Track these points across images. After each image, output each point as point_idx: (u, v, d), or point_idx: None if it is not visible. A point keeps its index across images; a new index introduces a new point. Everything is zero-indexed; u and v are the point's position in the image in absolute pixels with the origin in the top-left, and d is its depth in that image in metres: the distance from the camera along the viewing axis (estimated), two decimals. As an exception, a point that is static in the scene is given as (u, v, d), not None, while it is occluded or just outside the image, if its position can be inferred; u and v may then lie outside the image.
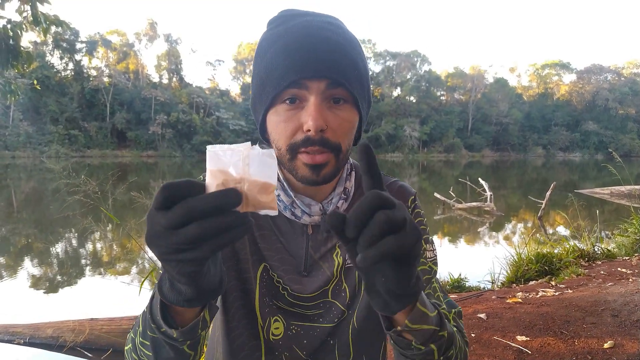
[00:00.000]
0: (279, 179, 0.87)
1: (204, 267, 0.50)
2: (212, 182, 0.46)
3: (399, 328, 0.62)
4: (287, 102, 0.75)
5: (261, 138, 0.84)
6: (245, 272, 0.88)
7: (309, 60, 0.72)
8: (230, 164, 0.47)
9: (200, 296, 0.54)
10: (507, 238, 9.67)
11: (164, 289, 0.56)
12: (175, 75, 72.30)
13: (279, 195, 0.87)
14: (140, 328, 0.65)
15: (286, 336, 0.90)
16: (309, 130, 0.73)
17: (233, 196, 0.45)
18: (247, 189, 0.47)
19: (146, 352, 0.65)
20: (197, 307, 0.60)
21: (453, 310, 0.87)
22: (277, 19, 0.80)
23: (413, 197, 0.96)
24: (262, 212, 0.49)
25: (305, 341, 0.90)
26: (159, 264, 0.65)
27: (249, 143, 0.49)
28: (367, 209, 0.48)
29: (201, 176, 0.92)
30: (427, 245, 0.94)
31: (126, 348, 0.74)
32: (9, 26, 4.72)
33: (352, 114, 0.78)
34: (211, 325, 0.97)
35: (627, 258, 5.60)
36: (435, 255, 0.96)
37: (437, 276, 0.95)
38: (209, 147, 0.48)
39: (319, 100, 0.73)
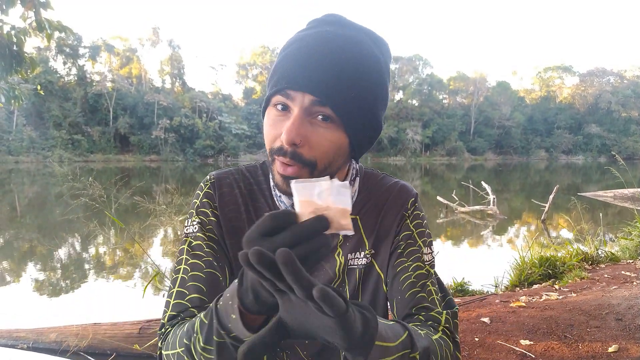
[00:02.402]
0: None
1: None
2: (304, 211, 0.54)
3: None
4: (279, 107, 0.76)
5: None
6: None
7: (298, 73, 0.73)
8: (315, 195, 0.55)
9: None
10: (510, 241, 9.64)
11: (246, 302, 0.59)
12: (177, 80, 72.57)
13: (280, 196, 0.89)
14: (201, 336, 0.67)
15: None
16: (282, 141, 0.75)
17: (324, 222, 0.52)
18: (332, 215, 0.54)
19: (208, 356, 0.68)
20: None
21: (444, 312, 0.88)
22: (311, 22, 0.82)
23: (413, 198, 0.96)
24: (342, 232, 0.56)
25: (306, 341, 0.90)
26: (162, 268, 0.65)
27: (329, 177, 0.56)
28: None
29: (208, 176, 0.96)
30: (425, 248, 0.94)
31: (170, 352, 0.75)
32: (12, 32, 4.74)
33: (336, 134, 0.76)
34: None
35: (631, 261, 5.58)
36: (433, 258, 0.96)
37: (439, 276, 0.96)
38: (294, 182, 0.55)
39: (300, 115, 0.74)
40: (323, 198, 0.54)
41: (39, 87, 8.84)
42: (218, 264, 0.86)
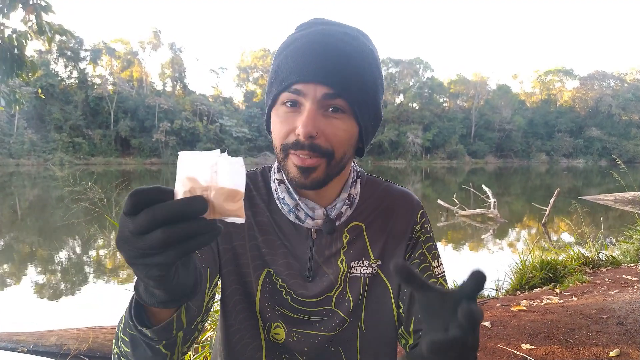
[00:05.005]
0: (283, 182, 0.88)
1: (170, 271, 0.51)
2: (180, 189, 0.47)
3: None
4: (288, 104, 0.77)
5: (267, 134, 0.86)
6: (246, 276, 0.90)
7: (308, 66, 0.74)
8: (198, 172, 0.47)
9: (172, 299, 0.54)
10: (511, 245, 9.63)
11: (140, 290, 0.56)
12: (178, 83, 72.63)
13: (283, 198, 0.88)
14: (122, 324, 0.67)
15: (287, 342, 0.91)
16: (299, 135, 0.75)
17: (198, 204, 0.46)
18: (213, 197, 0.47)
19: (125, 348, 0.67)
20: (171, 309, 0.61)
21: None
22: (303, 25, 0.83)
23: (421, 210, 0.97)
24: (229, 219, 0.49)
25: (305, 348, 0.90)
26: None
27: (219, 151, 0.49)
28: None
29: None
30: (435, 261, 0.95)
31: (113, 342, 0.75)
32: (14, 36, 4.76)
33: (348, 124, 0.79)
34: (215, 332, 0.98)
35: (632, 265, 5.57)
36: (443, 272, 0.97)
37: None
38: (181, 154, 0.48)
39: (314, 107, 0.75)
40: (207, 176, 0.47)
41: (39, 91, 8.86)
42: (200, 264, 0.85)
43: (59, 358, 3.71)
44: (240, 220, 0.49)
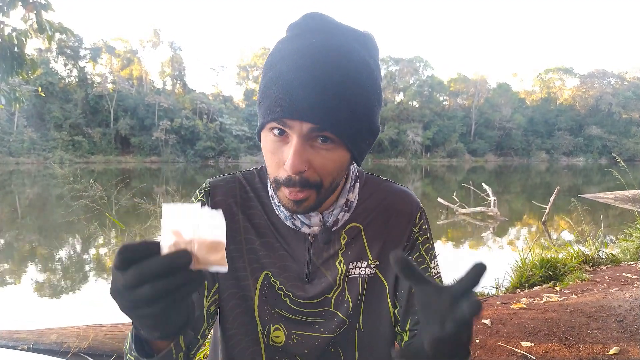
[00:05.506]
0: None
1: (162, 318, 0.53)
2: (165, 243, 0.50)
3: None
4: (276, 132, 0.74)
5: (259, 143, 0.84)
6: (244, 279, 0.89)
7: (293, 101, 0.69)
8: (182, 226, 0.50)
9: (167, 336, 0.57)
10: (511, 243, 9.64)
11: (139, 329, 0.58)
12: (178, 82, 72.65)
13: (279, 206, 0.87)
14: (128, 345, 0.69)
15: (287, 344, 0.90)
16: (287, 170, 0.73)
17: (183, 258, 0.49)
18: (196, 250, 0.50)
19: None
20: (168, 341, 0.65)
21: None
22: (294, 28, 0.76)
23: (420, 212, 0.95)
24: (212, 269, 0.52)
25: (306, 350, 0.90)
26: None
27: (199, 204, 0.51)
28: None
29: (204, 183, 0.95)
30: (432, 262, 0.95)
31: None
32: (14, 34, 4.75)
33: (339, 154, 0.75)
34: (211, 334, 0.98)
35: (632, 263, 5.57)
36: (440, 272, 0.97)
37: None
38: (164, 206, 0.51)
39: (300, 142, 0.71)
40: (189, 229, 0.50)
41: (39, 89, 8.85)
42: None
43: (59, 356, 3.71)
44: (223, 269, 0.52)
